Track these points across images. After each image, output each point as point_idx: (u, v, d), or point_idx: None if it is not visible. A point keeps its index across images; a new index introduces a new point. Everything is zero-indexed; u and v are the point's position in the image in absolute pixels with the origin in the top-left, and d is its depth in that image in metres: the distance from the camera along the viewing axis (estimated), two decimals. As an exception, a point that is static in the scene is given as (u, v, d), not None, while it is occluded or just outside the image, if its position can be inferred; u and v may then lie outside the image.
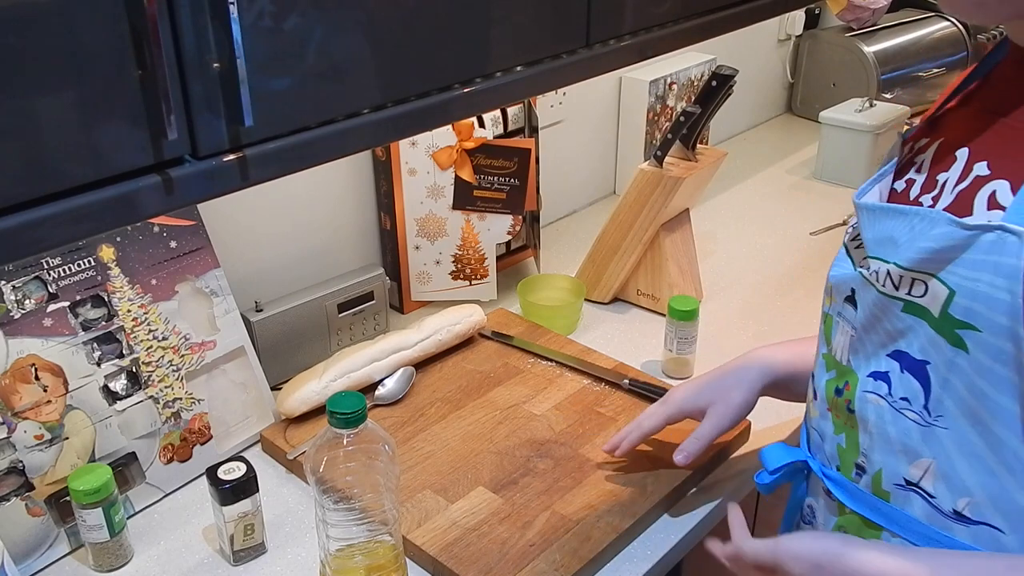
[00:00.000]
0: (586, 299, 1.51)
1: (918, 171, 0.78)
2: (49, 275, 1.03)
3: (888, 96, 2.19)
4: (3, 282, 1.00)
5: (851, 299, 0.79)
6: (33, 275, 1.02)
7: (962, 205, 0.71)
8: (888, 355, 0.75)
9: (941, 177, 0.74)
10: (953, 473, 0.72)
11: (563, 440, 1.17)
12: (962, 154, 0.73)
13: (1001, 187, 0.69)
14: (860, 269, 0.77)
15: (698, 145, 1.46)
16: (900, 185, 0.79)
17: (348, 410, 0.86)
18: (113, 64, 0.66)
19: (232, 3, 0.69)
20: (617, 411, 1.23)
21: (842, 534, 0.80)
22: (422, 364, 1.32)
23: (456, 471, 1.12)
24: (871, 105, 2.01)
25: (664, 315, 1.36)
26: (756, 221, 1.85)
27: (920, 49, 2.30)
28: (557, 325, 1.43)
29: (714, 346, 1.39)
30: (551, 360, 1.34)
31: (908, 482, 0.76)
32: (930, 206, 0.73)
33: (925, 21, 2.37)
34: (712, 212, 1.87)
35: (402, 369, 1.28)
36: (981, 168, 0.71)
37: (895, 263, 0.72)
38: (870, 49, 2.22)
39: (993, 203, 0.69)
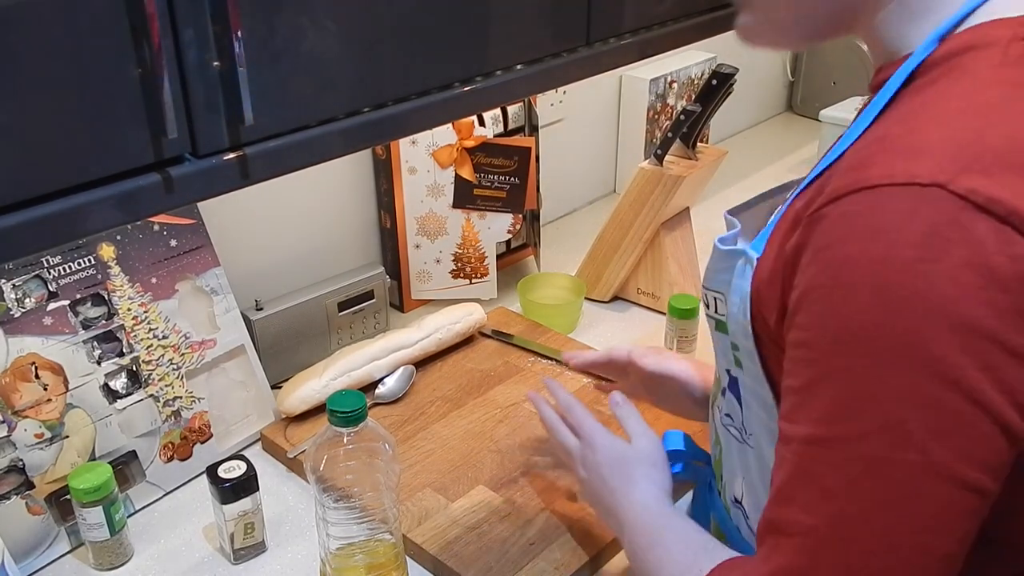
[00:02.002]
0: (586, 298, 1.51)
1: None
2: (49, 274, 1.03)
3: (888, 94, 2.19)
4: (3, 280, 1.00)
5: None
6: (33, 274, 1.02)
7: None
8: (725, 371, 0.76)
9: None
10: (754, 496, 0.73)
11: (563, 439, 1.17)
12: None
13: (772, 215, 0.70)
14: None
15: (698, 144, 1.46)
16: None
17: (348, 409, 0.86)
18: (113, 63, 0.65)
19: (232, 1, 0.69)
20: (617, 410, 1.22)
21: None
22: (422, 363, 1.32)
23: (456, 470, 1.12)
24: (871, 103, 2.01)
25: (664, 314, 1.36)
26: (756, 220, 1.85)
27: (920, 47, 2.30)
28: (557, 324, 1.43)
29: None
30: (551, 359, 1.34)
31: (736, 500, 0.76)
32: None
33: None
34: (712, 211, 1.86)
35: (402, 368, 1.28)
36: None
37: (703, 282, 0.74)
38: (870, 47, 2.21)
39: (756, 232, 0.70)
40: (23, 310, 1.01)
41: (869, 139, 0.59)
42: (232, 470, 1.00)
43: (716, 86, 1.38)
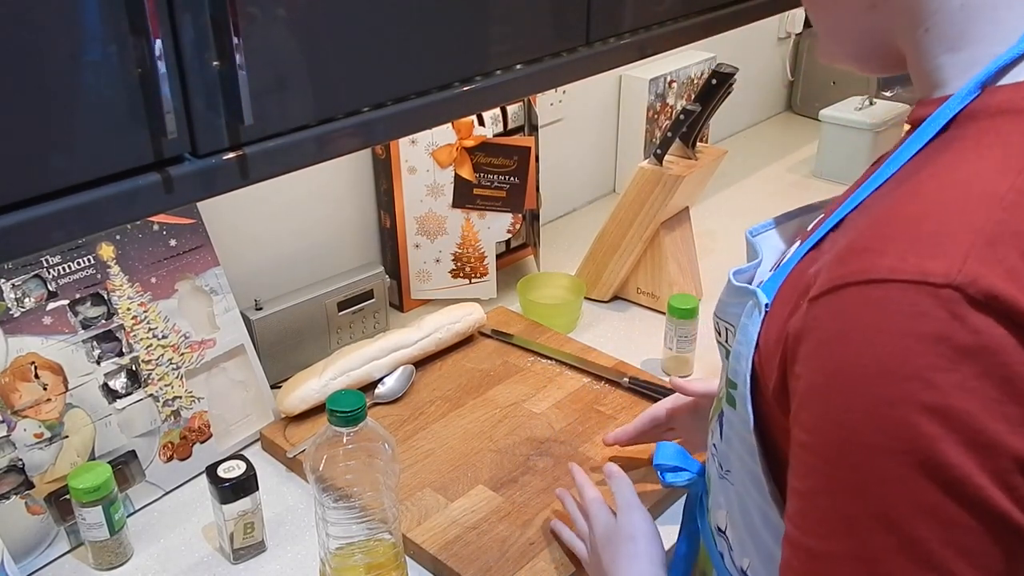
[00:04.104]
0: (586, 297, 1.51)
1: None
2: (49, 273, 1.03)
3: (888, 94, 2.19)
4: (3, 280, 1.00)
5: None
6: (33, 273, 1.02)
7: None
8: (719, 400, 0.73)
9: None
10: (736, 532, 0.70)
11: (563, 438, 1.17)
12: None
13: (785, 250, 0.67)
14: None
15: (698, 143, 1.46)
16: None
17: (348, 408, 0.86)
18: (113, 63, 0.65)
19: (232, 1, 0.69)
20: (617, 409, 1.23)
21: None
22: (422, 362, 1.32)
23: (456, 469, 1.12)
24: (871, 103, 2.01)
25: (664, 313, 1.36)
26: (756, 219, 1.84)
27: (920, 47, 2.30)
28: (557, 323, 1.43)
29: (714, 344, 1.39)
30: (551, 358, 1.34)
31: (720, 529, 0.74)
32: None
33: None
34: (712, 210, 1.87)
35: (402, 367, 1.28)
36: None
37: (715, 311, 0.71)
38: (870, 47, 2.21)
39: (775, 265, 0.67)
40: (23, 310, 1.01)
41: (885, 207, 0.54)
42: (232, 470, 1.00)
43: (716, 86, 1.38)
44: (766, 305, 0.61)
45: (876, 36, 0.63)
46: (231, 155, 0.75)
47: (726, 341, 0.69)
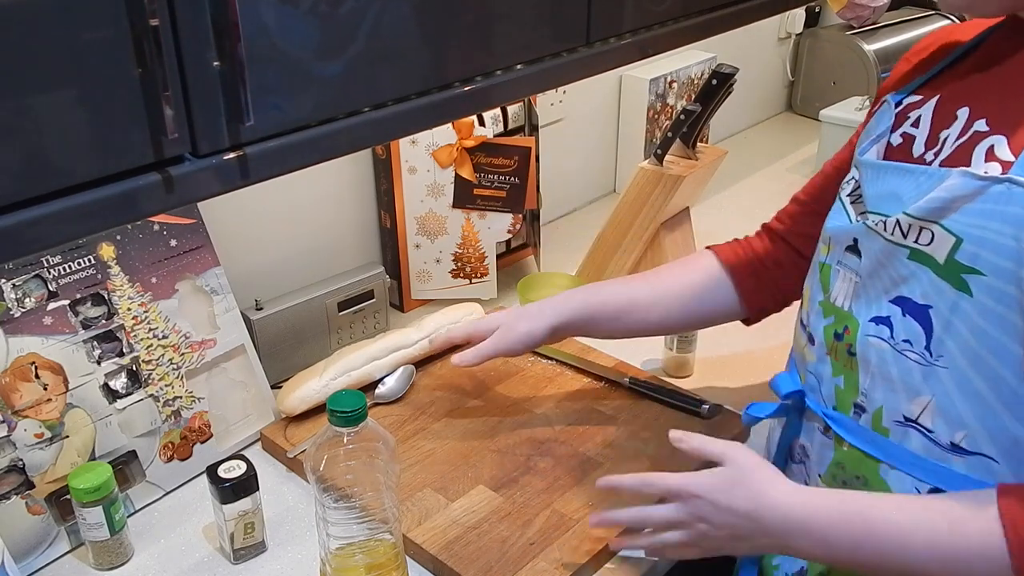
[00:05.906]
0: (586, 297, 1.51)
1: (915, 126, 0.84)
2: (49, 273, 1.03)
3: (888, 94, 2.19)
4: (3, 280, 1.00)
5: (853, 248, 0.84)
6: (33, 273, 1.02)
7: (960, 158, 0.77)
8: (891, 300, 0.80)
9: (943, 134, 0.80)
10: (952, 409, 0.77)
11: (563, 438, 1.17)
12: (963, 112, 0.80)
13: (999, 142, 0.75)
14: (860, 221, 0.83)
15: (698, 143, 1.47)
16: (896, 139, 0.85)
17: (348, 408, 0.86)
18: (113, 62, 0.65)
19: (232, 1, 0.69)
20: (617, 410, 1.23)
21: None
22: (422, 362, 1.32)
23: (456, 469, 1.12)
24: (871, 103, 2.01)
25: (664, 313, 1.35)
26: (756, 220, 1.84)
27: (920, 47, 2.30)
28: (557, 323, 1.43)
29: (714, 344, 1.39)
30: (551, 358, 1.34)
31: (907, 419, 0.80)
32: (932, 161, 0.80)
33: (925, 19, 2.37)
34: (712, 210, 1.87)
35: (402, 367, 1.28)
36: (980, 125, 0.77)
37: (905, 212, 0.78)
38: (870, 47, 2.21)
39: (991, 156, 0.75)
40: (23, 310, 1.01)
41: None
42: (232, 470, 1.00)
43: (716, 86, 1.38)
44: None
45: None
46: (231, 155, 0.75)
47: (916, 241, 0.77)
